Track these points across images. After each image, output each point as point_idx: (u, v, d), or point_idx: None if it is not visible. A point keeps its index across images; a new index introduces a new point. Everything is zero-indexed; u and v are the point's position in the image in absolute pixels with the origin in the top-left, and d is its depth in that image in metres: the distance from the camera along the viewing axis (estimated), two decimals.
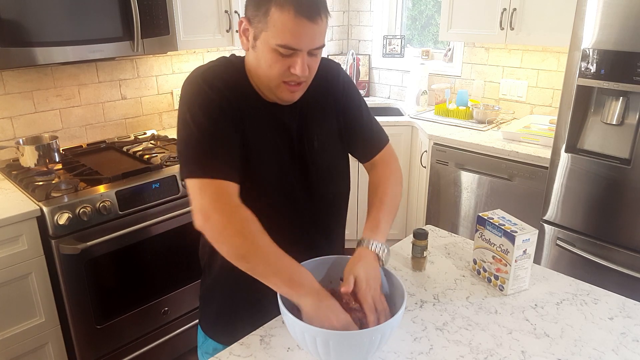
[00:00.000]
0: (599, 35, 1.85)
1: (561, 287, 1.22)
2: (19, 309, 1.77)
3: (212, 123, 0.98)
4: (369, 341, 0.86)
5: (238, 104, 1.02)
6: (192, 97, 1.00)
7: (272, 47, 0.95)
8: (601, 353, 0.99)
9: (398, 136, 2.97)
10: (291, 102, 1.07)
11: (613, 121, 1.94)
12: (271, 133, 1.07)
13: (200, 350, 1.27)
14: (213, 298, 1.23)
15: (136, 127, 2.65)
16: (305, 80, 1.02)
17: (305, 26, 0.94)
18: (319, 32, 0.97)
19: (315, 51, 0.99)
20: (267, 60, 0.98)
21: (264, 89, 1.05)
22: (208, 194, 0.95)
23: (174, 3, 2.24)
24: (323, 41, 1.00)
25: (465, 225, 2.69)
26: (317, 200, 1.16)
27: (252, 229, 0.95)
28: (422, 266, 1.30)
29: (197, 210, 0.96)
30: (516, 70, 2.92)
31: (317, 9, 0.95)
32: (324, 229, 1.20)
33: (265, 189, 1.08)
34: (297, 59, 0.97)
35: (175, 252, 2.13)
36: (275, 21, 0.93)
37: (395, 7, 3.60)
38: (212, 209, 0.95)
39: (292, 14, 0.92)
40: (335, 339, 0.85)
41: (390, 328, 0.88)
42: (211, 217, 0.95)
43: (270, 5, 0.93)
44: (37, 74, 2.22)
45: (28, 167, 2.04)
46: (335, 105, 1.17)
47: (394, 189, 1.18)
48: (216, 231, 0.95)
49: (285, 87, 1.01)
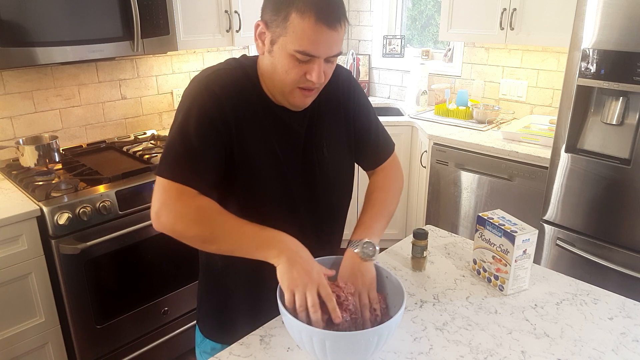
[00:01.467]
0: (599, 35, 1.85)
1: (561, 287, 1.22)
2: (19, 309, 1.77)
3: (198, 134, 0.98)
4: (365, 342, 0.86)
5: (237, 112, 1.01)
6: (190, 100, 1.00)
7: (289, 52, 0.95)
8: (601, 353, 0.99)
9: (398, 136, 2.97)
10: (302, 108, 1.06)
11: (613, 121, 1.94)
12: (274, 140, 1.06)
13: (198, 349, 1.27)
14: (210, 298, 1.23)
15: (136, 127, 2.65)
16: (319, 86, 1.02)
17: (325, 33, 0.93)
18: (338, 39, 0.96)
19: (332, 58, 0.98)
20: (284, 65, 0.97)
21: (277, 94, 1.04)
22: (165, 193, 0.96)
23: (174, 3, 2.24)
24: (340, 49, 0.99)
25: (465, 225, 2.69)
26: (318, 209, 1.15)
27: (208, 212, 0.96)
28: (422, 266, 1.30)
29: (153, 209, 0.97)
30: (516, 70, 2.92)
31: (338, 16, 0.94)
32: (325, 234, 1.20)
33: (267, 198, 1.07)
34: (314, 66, 0.96)
35: (175, 252, 2.13)
36: (295, 27, 0.92)
37: (395, 7, 3.60)
38: (164, 206, 0.96)
39: (312, 21, 0.91)
40: (332, 340, 0.85)
41: (388, 329, 0.87)
42: (162, 214, 0.96)
43: (291, 11, 0.92)
44: (37, 74, 2.22)
45: (28, 167, 2.04)
46: (346, 113, 1.17)
47: (392, 199, 1.18)
48: (169, 227, 0.97)
49: (300, 93, 1.01)
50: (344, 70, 1.21)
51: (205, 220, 0.96)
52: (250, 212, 1.02)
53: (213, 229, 0.96)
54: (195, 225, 0.96)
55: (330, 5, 0.93)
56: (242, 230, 0.96)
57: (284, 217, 1.09)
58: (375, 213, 1.13)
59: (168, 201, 0.96)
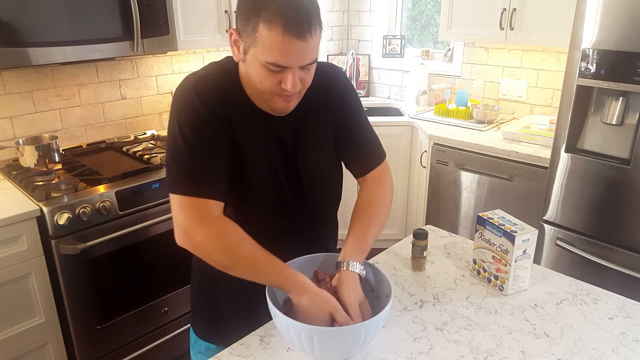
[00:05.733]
0: (598, 35, 1.85)
1: (561, 287, 1.22)
2: (19, 309, 1.77)
3: (198, 142, 0.97)
4: (352, 337, 0.88)
5: (229, 116, 1.00)
6: (181, 109, 0.99)
7: (261, 63, 0.92)
8: (601, 353, 0.99)
9: (398, 136, 2.98)
10: (285, 113, 1.04)
11: (613, 121, 1.94)
12: (265, 143, 1.05)
13: (193, 349, 1.27)
14: (203, 299, 1.24)
15: (136, 127, 2.65)
16: (299, 91, 0.99)
17: (294, 44, 0.89)
18: (310, 49, 0.92)
19: (307, 66, 0.96)
20: (258, 75, 0.95)
21: (258, 100, 1.02)
22: (187, 211, 0.96)
23: (174, 3, 2.24)
24: (315, 56, 0.96)
25: (465, 225, 2.69)
26: (310, 210, 1.15)
27: (232, 240, 0.97)
28: (422, 266, 1.30)
29: (177, 226, 0.98)
30: (516, 70, 2.92)
31: (308, 25, 0.90)
32: (316, 236, 1.20)
33: (258, 199, 1.08)
34: (288, 75, 0.94)
35: (175, 252, 2.09)
36: (264, 39, 0.89)
37: (395, 7, 3.60)
38: (190, 226, 0.96)
39: (280, 33, 0.88)
40: (319, 335, 0.87)
41: (375, 325, 0.89)
42: (190, 235, 0.97)
43: (258, 21, 0.89)
44: (37, 74, 2.22)
45: (28, 167, 2.04)
46: (333, 115, 1.13)
47: (383, 211, 1.14)
48: (197, 248, 0.99)
49: (279, 99, 0.99)
50: (336, 69, 1.17)
51: (229, 250, 0.97)
52: (246, 212, 1.02)
53: (235, 260, 0.98)
54: (219, 253, 0.98)
55: (300, 14, 0.89)
56: (262, 269, 0.98)
57: (277, 218, 1.10)
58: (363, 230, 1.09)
59: (192, 222, 0.96)
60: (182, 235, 0.97)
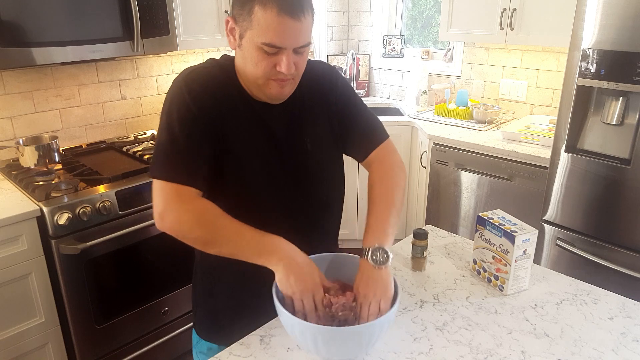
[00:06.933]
0: (598, 35, 1.85)
1: (561, 287, 1.22)
2: (19, 309, 1.77)
3: (183, 132, 0.99)
4: (358, 338, 0.88)
5: (221, 110, 1.02)
6: (172, 100, 1.02)
7: (257, 45, 0.96)
8: (601, 353, 0.99)
9: (398, 136, 2.97)
10: (281, 100, 1.06)
11: (613, 121, 1.94)
12: (258, 136, 1.06)
13: (195, 350, 1.27)
14: (205, 299, 1.23)
15: (136, 127, 2.65)
16: (293, 77, 1.02)
17: (289, 24, 0.94)
18: (304, 29, 0.97)
19: (301, 49, 0.99)
20: (253, 58, 0.98)
21: (253, 88, 1.04)
22: (165, 194, 0.98)
23: (174, 3, 2.24)
24: (309, 39, 1.00)
25: (465, 225, 2.69)
26: (312, 203, 1.15)
27: (210, 214, 0.98)
28: (422, 266, 1.30)
29: (155, 210, 0.99)
30: (516, 70, 2.92)
31: (301, 6, 0.95)
32: (319, 231, 1.19)
33: (255, 194, 1.08)
34: (283, 57, 0.97)
35: (175, 252, 2.12)
36: (259, 19, 0.94)
37: (395, 7, 3.60)
38: (169, 207, 0.98)
39: (274, 12, 0.93)
40: (324, 335, 0.87)
41: (380, 326, 0.89)
42: (168, 215, 0.98)
43: (254, 4, 0.94)
44: (37, 74, 2.22)
45: (28, 167, 2.04)
46: (329, 108, 1.15)
47: (393, 189, 1.11)
48: (176, 229, 0.99)
49: (274, 84, 1.01)
50: (330, 67, 1.22)
51: (207, 224, 0.98)
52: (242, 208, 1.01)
53: (214, 232, 0.98)
54: (198, 228, 0.98)
55: None
56: (242, 235, 0.97)
57: (275, 213, 1.10)
58: (380, 212, 1.07)
59: (170, 203, 0.98)
60: (159, 218, 0.99)
